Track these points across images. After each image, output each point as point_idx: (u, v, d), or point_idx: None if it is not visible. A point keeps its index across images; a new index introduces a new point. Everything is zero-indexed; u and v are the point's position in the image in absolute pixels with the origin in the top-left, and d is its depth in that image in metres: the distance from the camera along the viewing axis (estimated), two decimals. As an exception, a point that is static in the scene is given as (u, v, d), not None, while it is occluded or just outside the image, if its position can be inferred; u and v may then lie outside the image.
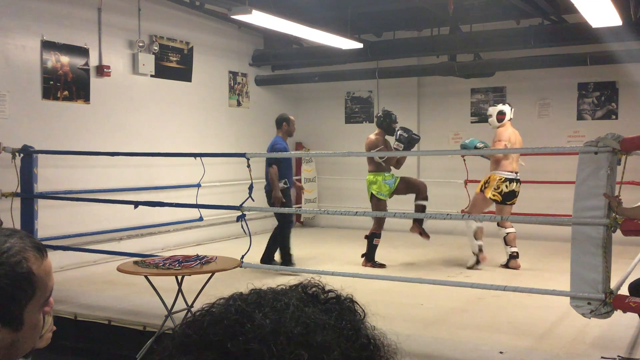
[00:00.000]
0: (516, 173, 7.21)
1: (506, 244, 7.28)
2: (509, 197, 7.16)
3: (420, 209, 7.40)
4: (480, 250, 7.24)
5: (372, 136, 7.54)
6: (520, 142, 7.31)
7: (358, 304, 0.79)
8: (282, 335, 0.68)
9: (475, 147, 7.22)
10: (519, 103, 9.85)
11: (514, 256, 7.26)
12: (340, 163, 11.09)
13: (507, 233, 7.22)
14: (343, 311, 0.75)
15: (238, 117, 10.17)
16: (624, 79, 9.02)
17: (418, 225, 7.45)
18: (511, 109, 7.31)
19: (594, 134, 4.39)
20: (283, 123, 7.44)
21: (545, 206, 8.87)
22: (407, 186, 7.49)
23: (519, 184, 7.27)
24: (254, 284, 0.85)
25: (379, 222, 7.47)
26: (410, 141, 7.38)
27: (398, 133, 7.37)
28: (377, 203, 7.43)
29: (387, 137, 7.59)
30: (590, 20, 6.78)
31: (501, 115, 7.24)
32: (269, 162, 7.38)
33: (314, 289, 0.79)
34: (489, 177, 7.23)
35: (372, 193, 7.44)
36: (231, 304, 0.74)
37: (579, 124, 9.43)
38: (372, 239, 7.41)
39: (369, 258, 7.39)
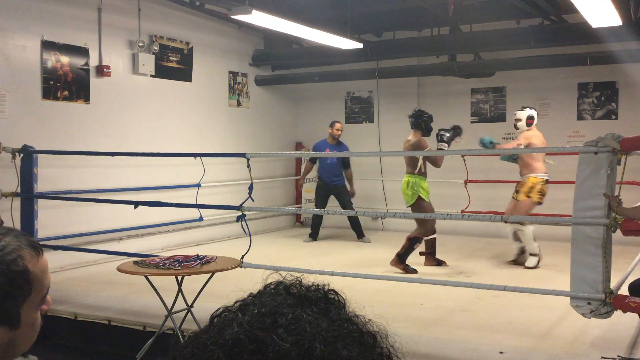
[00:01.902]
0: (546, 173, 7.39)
1: (516, 240, 7.50)
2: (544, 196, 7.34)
3: (411, 244, 7.09)
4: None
5: (412, 137, 7.22)
6: (544, 143, 7.44)
7: (339, 294, 0.79)
8: (309, 358, 0.67)
9: (491, 143, 7.36)
10: (519, 103, 9.85)
11: (523, 251, 7.46)
12: (340, 163, 11.08)
13: (519, 230, 7.36)
14: (338, 310, 0.76)
15: (238, 117, 10.17)
16: (624, 79, 9.01)
17: (432, 258, 7.39)
18: (537, 114, 7.55)
19: (594, 134, 4.39)
20: (329, 127, 8.90)
21: (545, 206, 8.87)
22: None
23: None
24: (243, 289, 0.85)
25: (427, 226, 7.18)
26: (453, 137, 7.16)
27: (439, 134, 7.10)
28: (423, 206, 7.10)
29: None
30: (590, 20, 6.78)
31: (530, 119, 7.40)
32: (345, 164, 9.13)
33: (295, 288, 0.78)
34: (530, 182, 7.27)
35: (419, 196, 7.10)
36: (238, 331, 0.69)
37: (579, 124, 9.43)
38: (415, 243, 7.10)
39: (402, 260, 7.06)
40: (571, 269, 4.10)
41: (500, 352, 4.33)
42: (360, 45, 8.63)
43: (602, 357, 4.17)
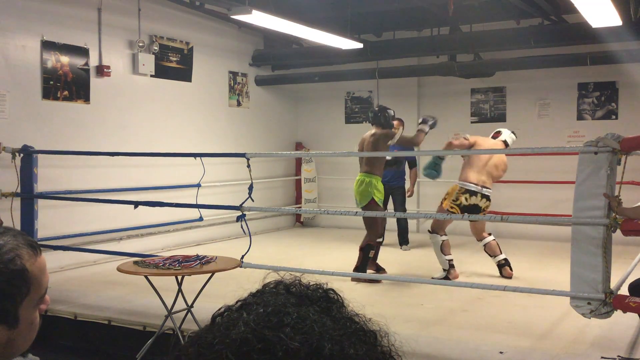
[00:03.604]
0: (483, 187, 6.48)
1: (489, 254, 6.73)
2: (470, 212, 6.21)
3: (365, 253, 6.58)
4: (452, 266, 6.58)
5: (376, 136, 6.61)
6: (497, 164, 6.60)
7: (338, 293, 0.79)
8: (318, 357, 0.67)
9: (435, 163, 6.54)
10: (519, 103, 9.87)
11: (502, 264, 6.65)
12: (340, 163, 11.09)
13: (485, 244, 6.70)
14: (339, 308, 0.76)
15: (238, 117, 10.17)
16: (624, 79, 9.02)
17: (373, 262, 6.85)
18: (511, 136, 6.85)
19: (594, 134, 4.39)
20: None
21: (545, 206, 8.88)
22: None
23: (486, 200, 6.50)
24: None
25: (377, 231, 6.70)
26: (433, 125, 6.61)
27: (425, 118, 6.64)
28: (376, 208, 6.55)
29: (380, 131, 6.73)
30: (590, 20, 6.78)
31: (496, 133, 6.90)
32: (411, 163, 8.66)
33: (295, 287, 0.78)
34: (450, 188, 6.65)
35: (372, 198, 6.51)
36: (245, 330, 0.69)
37: (579, 124, 9.43)
38: (368, 251, 6.59)
39: (362, 269, 6.51)
40: (571, 269, 4.10)
41: (500, 352, 4.33)
42: (360, 45, 8.62)
43: (602, 357, 4.17)
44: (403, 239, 8.67)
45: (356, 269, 6.50)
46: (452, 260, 6.64)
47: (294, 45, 10.41)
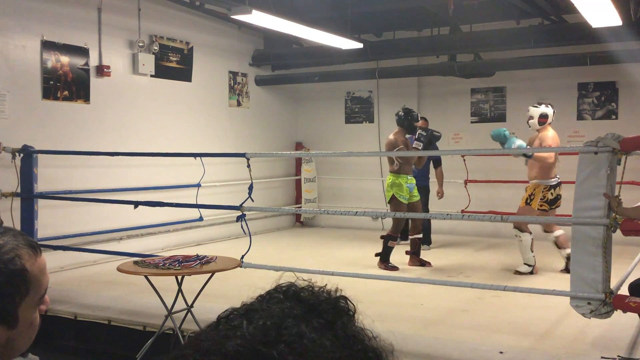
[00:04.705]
0: (558, 177, 6.83)
1: (559, 247, 6.86)
2: (553, 203, 6.76)
3: (416, 242, 7.38)
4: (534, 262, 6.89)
5: (391, 136, 7.27)
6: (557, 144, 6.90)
7: (350, 301, 0.78)
8: None
9: (505, 136, 6.55)
10: (519, 103, 9.86)
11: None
12: (340, 163, 11.10)
13: (557, 236, 6.85)
14: (345, 323, 0.74)
15: (238, 117, 10.17)
16: (624, 79, 9.01)
17: (417, 258, 7.40)
18: (553, 112, 6.86)
19: (594, 134, 4.39)
20: None
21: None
22: (414, 211, 7.23)
23: (560, 186, 6.85)
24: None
25: (397, 225, 7.28)
26: (430, 140, 7.21)
27: (417, 133, 7.15)
28: (398, 205, 7.16)
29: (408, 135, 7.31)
30: (590, 20, 6.78)
31: (543, 118, 6.76)
32: (436, 163, 8.49)
33: (306, 292, 0.76)
34: (534, 189, 6.79)
35: (392, 195, 7.17)
36: (240, 344, 0.69)
37: (579, 124, 9.43)
38: (388, 240, 7.23)
39: (383, 259, 7.24)
40: (571, 269, 4.10)
41: (500, 352, 4.33)
42: (360, 45, 8.63)
43: (602, 357, 4.17)
44: (426, 239, 8.50)
45: (377, 255, 7.28)
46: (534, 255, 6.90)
47: (294, 45, 10.41)
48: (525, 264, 6.92)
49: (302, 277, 0.82)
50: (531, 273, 6.84)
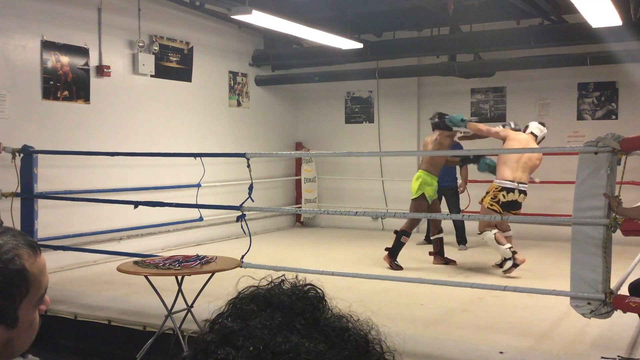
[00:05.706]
0: (519, 184, 6.74)
1: (499, 243, 6.85)
2: (510, 208, 6.71)
3: (439, 241, 7.52)
4: (514, 252, 6.74)
5: (438, 137, 7.37)
6: (530, 157, 6.78)
7: (316, 287, 0.77)
8: None
9: (462, 120, 7.05)
10: (519, 103, 9.87)
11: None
12: (341, 163, 11.10)
13: (493, 235, 6.83)
14: (324, 314, 0.73)
15: (238, 117, 10.17)
16: (624, 79, 9.02)
17: (441, 257, 7.52)
18: (538, 127, 7.05)
19: (594, 134, 4.39)
20: None
21: (545, 206, 8.87)
22: (434, 212, 7.34)
23: (523, 195, 6.78)
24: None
25: (413, 222, 7.39)
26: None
27: (447, 121, 7.27)
28: (420, 204, 7.23)
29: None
30: (590, 20, 6.78)
31: (534, 136, 6.96)
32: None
33: (274, 296, 0.74)
34: (489, 187, 6.92)
35: (422, 193, 7.21)
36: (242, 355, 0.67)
37: (579, 124, 9.43)
38: (401, 235, 7.22)
39: (392, 254, 7.21)
40: (571, 269, 4.10)
41: (500, 352, 4.33)
42: (360, 45, 8.63)
43: (602, 357, 4.17)
44: (461, 239, 8.61)
45: (388, 250, 7.24)
46: (511, 247, 6.79)
47: (294, 45, 10.41)
48: (504, 259, 6.80)
49: (258, 273, 0.79)
50: (516, 265, 6.68)
